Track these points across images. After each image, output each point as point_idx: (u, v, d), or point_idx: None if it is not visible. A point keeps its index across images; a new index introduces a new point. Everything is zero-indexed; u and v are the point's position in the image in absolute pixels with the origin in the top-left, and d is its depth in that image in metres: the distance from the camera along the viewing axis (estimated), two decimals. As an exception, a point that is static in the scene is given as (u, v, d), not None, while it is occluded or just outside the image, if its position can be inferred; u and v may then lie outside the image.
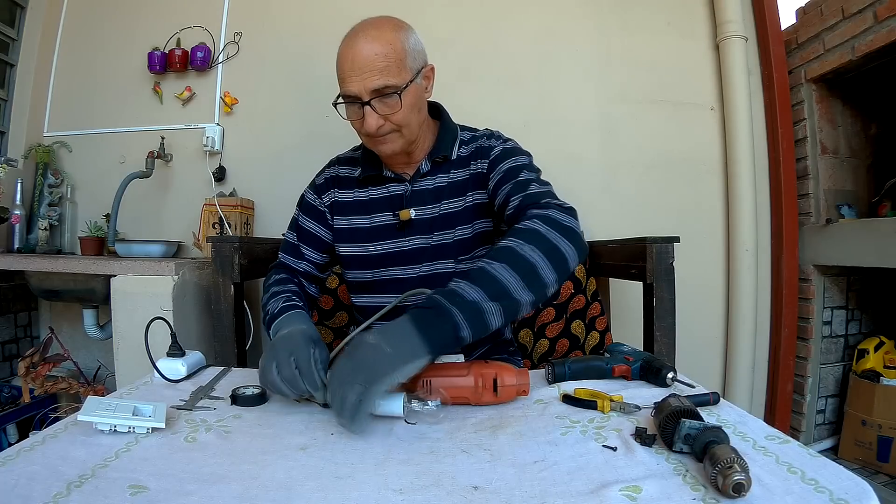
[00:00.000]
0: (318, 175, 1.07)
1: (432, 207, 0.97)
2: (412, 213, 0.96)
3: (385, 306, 0.79)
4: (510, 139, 1.01)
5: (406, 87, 0.86)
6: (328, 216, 1.03)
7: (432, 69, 0.95)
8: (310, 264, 1.03)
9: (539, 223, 0.74)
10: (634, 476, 0.49)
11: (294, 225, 1.06)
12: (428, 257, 0.97)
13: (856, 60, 1.60)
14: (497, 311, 0.66)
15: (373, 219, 0.99)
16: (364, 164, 1.00)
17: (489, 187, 0.94)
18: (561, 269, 0.72)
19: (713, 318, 1.83)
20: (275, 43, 1.87)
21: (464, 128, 1.04)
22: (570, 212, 0.79)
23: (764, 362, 1.83)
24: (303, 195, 1.07)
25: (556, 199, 0.83)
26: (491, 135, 1.01)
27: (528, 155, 0.97)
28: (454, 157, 0.98)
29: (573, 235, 0.75)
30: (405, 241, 0.97)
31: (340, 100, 0.88)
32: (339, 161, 1.07)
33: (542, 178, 0.91)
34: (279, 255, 1.06)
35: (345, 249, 1.02)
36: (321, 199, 1.03)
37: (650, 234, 1.22)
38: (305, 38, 1.86)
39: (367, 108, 0.85)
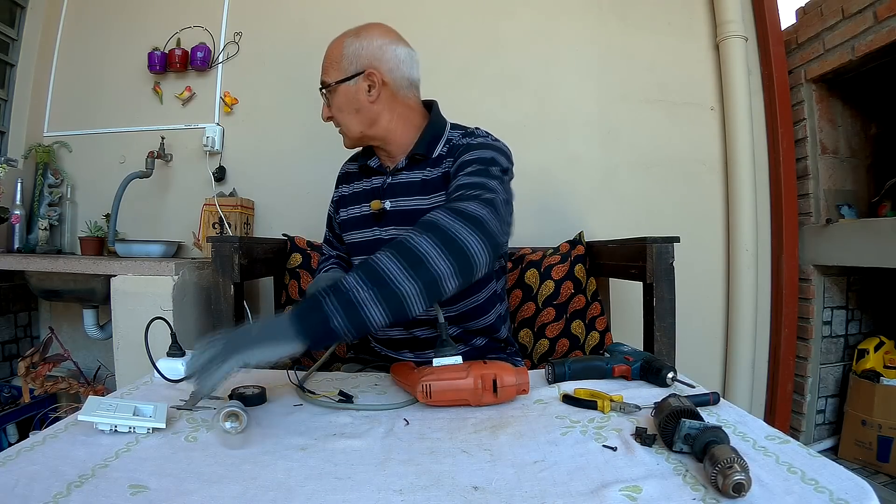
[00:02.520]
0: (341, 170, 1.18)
1: (407, 201, 0.99)
2: (386, 204, 1.00)
3: None
4: (489, 137, 0.99)
5: (332, 85, 0.99)
6: (335, 215, 1.13)
7: (377, 76, 0.97)
8: (340, 252, 1.17)
9: (443, 213, 0.72)
10: (634, 476, 0.49)
11: (328, 219, 1.20)
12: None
13: (856, 60, 1.60)
14: (374, 302, 0.63)
15: (356, 209, 1.07)
16: (362, 155, 1.10)
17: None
18: (460, 261, 0.67)
19: (713, 319, 1.83)
20: (275, 43, 1.87)
21: (455, 126, 1.05)
22: (490, 203, 0.75)
23: (764, 362, 1.83)
24: (335, 193, 1.17)
25: (490, 191, 0.79)
26: (471, 133, 1.00)
27: (499, 152, 0.93)
28: (434, 155, 0.99)
29: (480, 226, 0.71)
30: (381, 231, 1.03)
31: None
32: (349, 159, 1.16)
33: (495, 174, 0.86)
34: (322, 246, 1.22)
35: (346, 238, 1.10)
36: (333, 201, 1.15)
37: (650, 234, 1.22)
38: (305, 38, 1.86)
39: (324, 101, 1.03)
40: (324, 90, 1.02)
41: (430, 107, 1.06)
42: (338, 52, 1.00)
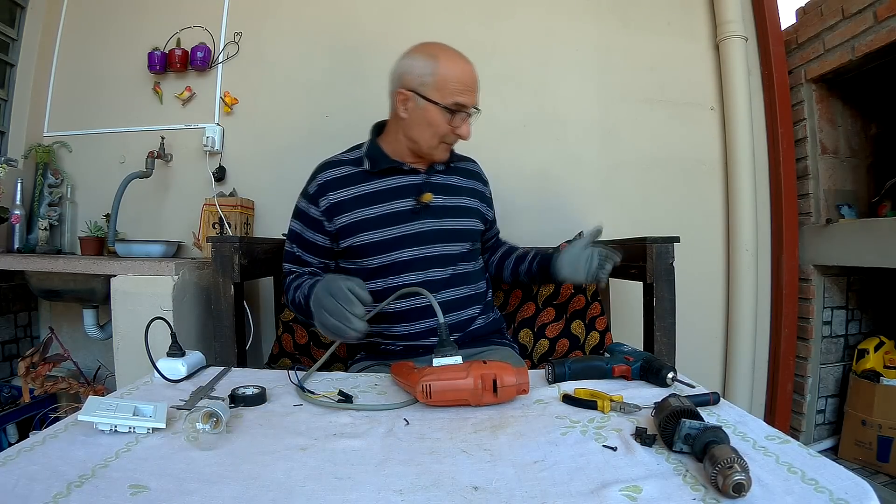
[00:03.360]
0: (308, 184, 1.12)
1: (446, 198, 1.11)
2: (433, 196, 1.08)
3: (399, 288, 0.90)
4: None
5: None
6: (325, 223, 1.08)
7: None
8: (314, 267, 1.12)
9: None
10: (634, 476, 0.49)
11: (292, 235, 1.13)
12: (441, 239, 1.09)
13: (856, 60, 1.60)
14: None
15: (385, 206, 1.07)
16: (374, 160, 1.09)
17: (487, 212, 1.21)
18: None
19: (713, 319, 1.83)
20: (275, 43, 1.87)
21: None
22: None
23: (764, 362, 1.83)
24: (297, 205, 1.13)
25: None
26: (466, 158, 1.25)
27: None
28: (455, 164, 1.18)
29: None
30: (417, 224, 1.07)
31: (439, 105, 1.01)
32: (328, 165, 1.12)
33: None
34: (284, 266, 1.14)
35: (359, 240, 1.07)
36: (317, 207, 1.08)
37: (650, 234, 1.22)
38: (305, 38, 1.86)
39: (470, 118, 1.06)
40: (473, 111, 1.07)
41: None
42: None
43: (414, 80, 1.03)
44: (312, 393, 0.74)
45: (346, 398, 0.73)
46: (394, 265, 1.06)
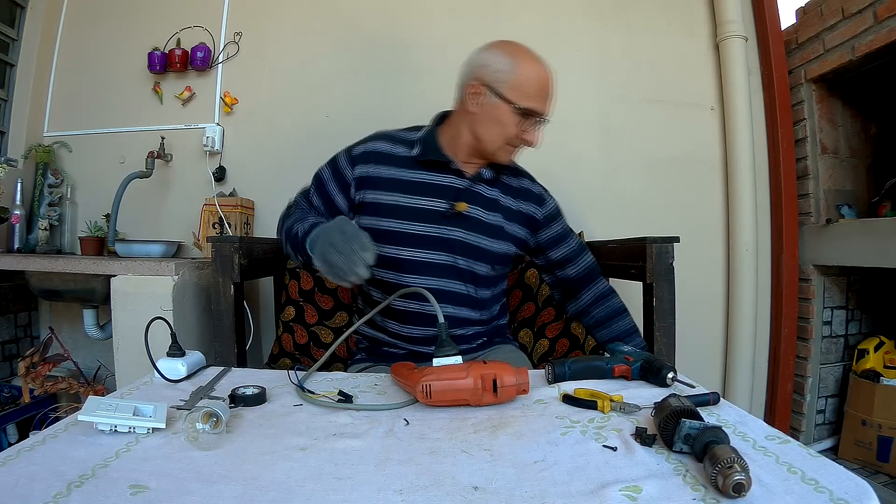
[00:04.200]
0: (357, 144, 1.09)
1: (484, 213, 1.06)
2: (468, 207, 1.03)
3: (407, 287, 0.90)
4: (544, 187, 1.17)
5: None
6: (352, 188, 1.05)
7: None
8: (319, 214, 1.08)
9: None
10: (634, 476, 0.49)
11: (317, 179, 1.09)
12: (465, 252, 1.04)
13: (856, 60, 1.60)
14: None
15: (419, 200, 1.03)
16: (425, 148, 1.05)
17: (539, 235, 1.13)
18: None
19: (713, 318, 1.83)
20: (275, 43, 1.87)
21: None
22: None
23: (764, 362, 1.83)
24: (336, 155, 1.09)
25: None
26: (527, 174, 1.16)
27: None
28: (505, 181, 1.10)
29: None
30: (445, 229, 1.03)
31: (518, 109, 0.97)
32: (383, 137, 1.09)
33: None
34: (293, 198, 1.12)
35: (382, 224, 1.03)
36: (352, 169, 1.05)
37: (650, 234, 1.22)
38: (305, 38, 1.86)
39: (541, 126, 1.02)
40: (545, 120, 1.03)
41: None
42: None
43: (490, 76, 0.98)
44: (312, 393, 0.74)
45: (346, 398, 0.73)
46: (408, 262, 1.03)
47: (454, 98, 1.07)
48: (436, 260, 1.03)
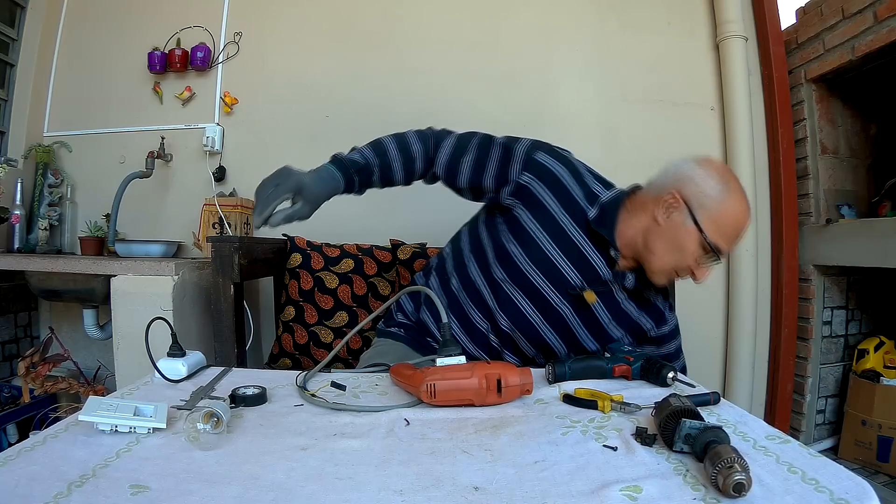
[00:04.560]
0: (542, 149, 0.97)
1: (602, 312, 0.96)
2: (596, 301, 0.94)
3: (493, 321, 0.94)
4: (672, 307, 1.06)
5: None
6: (506, 186, 0.96)
7: None
8: (445, 173, 0.99)
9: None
10: (635, 476, 0.49)
11: (485, 142, 0.99)
12: (559, 329, 0.97)
13: (856, 60, 1.60)
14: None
15: (560, 258, 0.93)
16: (603, 218, 0.94)
17: (644, 345, 1.02)
18: None
19: (713, 318, 1.83)
20: (275, 43, 1.87)
21: None
22: None
23: (764, 362, 1.83)
24: (517, 142, 0.98)
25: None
26: (667, 298, 1.04)
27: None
28: (647, 295, 1.00)
29: None
30: (559, 300, 0.95)
31: (703, 236, 0.87)
32: (570, 166, 0.97)
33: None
34: (442, 132, 1.02)
35: (512, 246, 0.95)
36: (521, 170, 0.94)
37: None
38: (305, 38, 1.86)
39: (714, 264, 0.90)
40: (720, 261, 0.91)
41: None
42: None
43: (694, 194, 0.88)
44: (314, 395, 0.74)
45: (338, 388, 0.73)
46: (506, 298, 0.96)
47: (650, 191, 0.95)
48: (529, 316, 0.96)
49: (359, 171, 0.95)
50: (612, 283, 0.95)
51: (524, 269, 0.94)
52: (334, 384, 0.74)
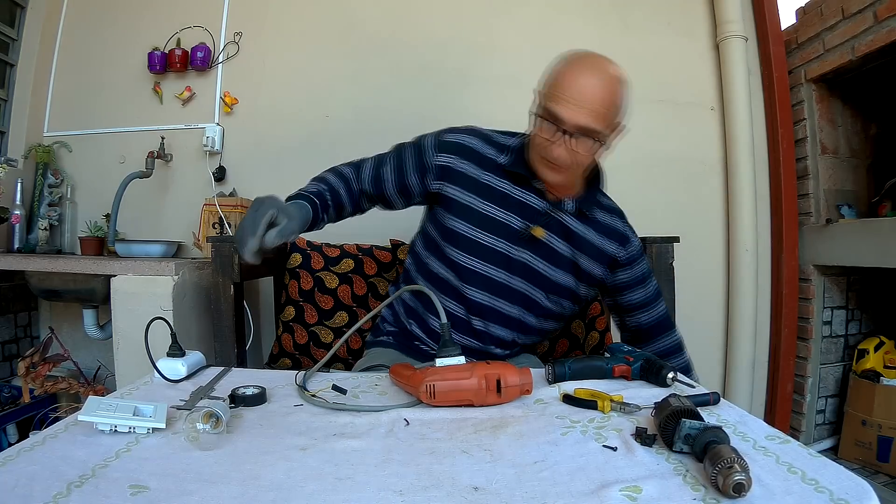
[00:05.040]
0: (448, 131, 1.03)
1: (561, 243, 0.99)
2: (544, 234, 0.97)
3: (465, 294, 0.94)
4: (632, 227, 1.07)
5: (607, 136, 0.91)
6: (429, 174, 1.00)
7: (623, 128, 0.97)
8: (373, 187, 1.03)
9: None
10: (635, 476, 0.49)
11: (397, 147, 1.04)
12: (528, 277, 0.99)
13: (856, 60, 1.60)
14: None
15: (497, 211, 0.98)
16: (516, 159, 0.98)
17: (617, 275, 1.04)
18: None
19: (713, 318, 1.83)
20: (275, 43, 1.87)
21: (602, 193, 1.08)
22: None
23: (764, 362, 1.83)
24: (423, 137, 1.03)
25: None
26: (619, 212, 1.06)
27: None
28: (592, 216, 1.01)
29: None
30: (515, 249, 0.98)
31: (540, 111, 0.89)
32: (477, 134, 1.03)
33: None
34: (365, 158, 1.06)
35: (454, 224, 0.98)
36: (436, 156, 1.00)
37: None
38: (305, 38, 1.86)
39: (565, 137, 0.87)
40: (584, 132, 0.87)
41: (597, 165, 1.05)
42: (618, 101, 0.90)
43: (541, 82, 0.93)
44: (314, 395, 0.74)
45: (339, 392, 0.73)
46: (467, 270, 0.98)
47: None
48: (495, 276, 0.98)
49: (316, 197, 0.98)
50: (553, 211, 0.98)
51: (471, 236, 0.98)
52: (336, 387, 0.74)
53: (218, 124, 1.86)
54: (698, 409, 0.56)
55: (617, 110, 0.91)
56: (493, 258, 0.98)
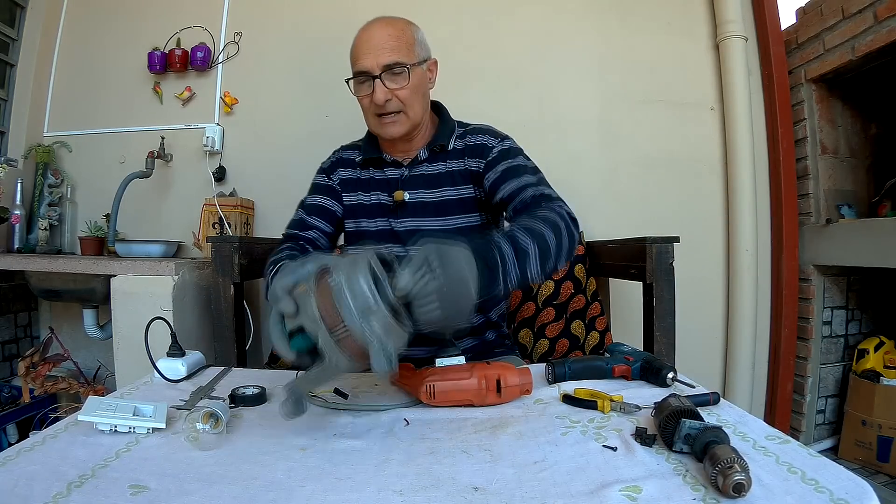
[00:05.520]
0: (324, 162, 1.14)
1: (428, 193, 1.03)
2: (406, 195, 1.03)
3: None
4: (506, 137, 1.06)
5: (414, 65, 0.96)
6: (339, 192, 1.09)
7: (436, 64, 1.05)
8: (317, 232, 1.06)
9: (561, 221, 0.80)
10: (634, 476, 0.49)
11: (300, 204, 1.10)
12: (423, 237, 0.98)
13: (856, 60, 1.60)
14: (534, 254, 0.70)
15: (369, 197, 1.06)
16: (366, 147, 1.08)
17: (485, 185, 1.00)
18: (556, 265, 0.76)
19: (713, 318, 1.83)
20: (275, 43, 1.87)
21: (459, 123, 1.10)
22: (575, 222, 0.86)
23: (764, 362, 1.83)
24: (313, 182, 1.13)
25: (563, 203, 0.90)
26: (485, 131, 1.06)
27: (524, 153, 1.03)
28: (450, 147, 1.05)
29: (576, 225, 0.84)
30: (398, 222, 1.04)
31: (352, 79, 0.97)
32: (343, 147, 1.15)
33: (543, 178, 0.97)
34: (284, 232, 1.08)
35: (349, 225, 1.09)
36: (331, 178, 1.10)
37: (650, 235, 1.22)
38: (305, 38, 1.86)
39: (378, 81, 0.93)
40: (391, 70, 0.94)
41: (437, 105, 1.12)
42: (409, 35, 0.98)
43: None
44: (315, 396, 0.74)
45: (341, 396, 0.73)
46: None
47: None
48: (397, 253, 0.97)
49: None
50: (414, 167, 1.04)
51: (361, 228, 1.06)
52: (337, 391, 0.74)
53: (218, 124, 1.86)
54: (698, 409, 0.56)
55: (411, 41, 0.97)
56: (384, 238, 1.04)
